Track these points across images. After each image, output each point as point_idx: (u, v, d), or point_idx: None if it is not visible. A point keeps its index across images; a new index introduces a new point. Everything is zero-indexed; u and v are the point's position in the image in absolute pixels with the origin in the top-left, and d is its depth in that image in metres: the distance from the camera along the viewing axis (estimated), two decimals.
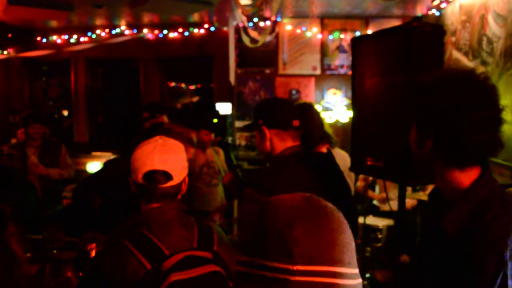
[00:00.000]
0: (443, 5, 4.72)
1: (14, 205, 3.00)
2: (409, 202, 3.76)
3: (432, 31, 2.15)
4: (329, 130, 3.00)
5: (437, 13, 4.99)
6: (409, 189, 3.50)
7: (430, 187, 3.17)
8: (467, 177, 1.26)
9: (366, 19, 5.84)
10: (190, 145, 2.56)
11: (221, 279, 1.39)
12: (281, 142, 2.05)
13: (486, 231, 1.17)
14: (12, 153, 3.83)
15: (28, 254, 2.54)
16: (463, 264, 1.20)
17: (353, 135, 2.58)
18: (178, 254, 1.37)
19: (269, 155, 2.08)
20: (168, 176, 1.51)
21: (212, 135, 3.92)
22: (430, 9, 5.15)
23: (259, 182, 1.99)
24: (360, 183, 4.18)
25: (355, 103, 2.59)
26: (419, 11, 5.46)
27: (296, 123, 2.07)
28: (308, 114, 2.79)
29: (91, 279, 1.50)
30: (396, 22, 5.59)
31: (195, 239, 1.49)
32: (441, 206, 1.35)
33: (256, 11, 4.21)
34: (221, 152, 4.15)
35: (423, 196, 3.52)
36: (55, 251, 2.55)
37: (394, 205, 2.84)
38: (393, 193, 3.28)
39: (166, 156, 1.52)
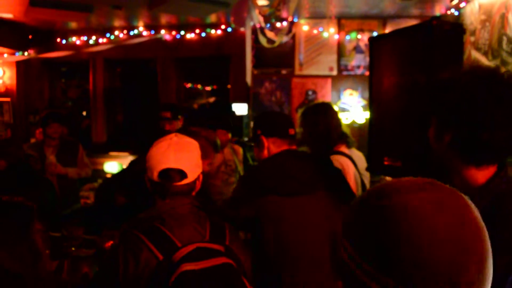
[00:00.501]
0: (462, 5, 4.66)
1: (35, 203, 3.06)
2: None
3: (451, 29, 2.13)
4: (346, 130, 2.99)
5: (456, 13, 4.92)
6: None
7: None
8: (483, 175, 1.25)
9: (384, 20, 5.79)
10: (214, 150, 2.66)
11: (232, 271, 1.42)
12: (277, 149, 2.15)
13: (500, 228, 1.15)
14: (30, 153, 3.89)
15: (47, 251, 2.59)
16: None
17: (370, 135, 2.56)
18: (189, 245, 1.40)
19: None
20: (182, 174, 1.54)
21: (229, 135, 3.94)
22: (449, 8, 5.08)
23: (250, 179, 2.10)
24: None
25: (372, 103, 2.57)
26: (438, 10, 5.40)
27: (291, 131, 2.19)
28: (328, 114, 2.80)
29: (105, 271, 1.52)
30: (414, 22, 5.48)
31: (207, 233, 1.52)
32: None
33: (273, 11, 4.21)
34: (240, 151, 4.17)
35: None
36: (73, 248, 2.60)
37: None
38: None
39: (180, 155, 1.56)
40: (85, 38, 6.72)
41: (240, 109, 6.07)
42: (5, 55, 6.76)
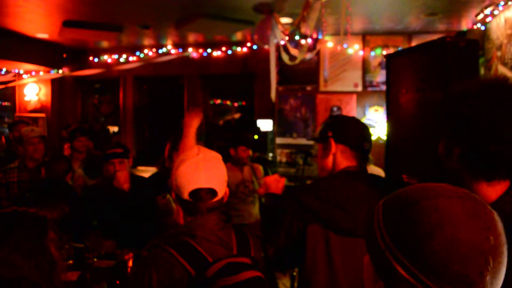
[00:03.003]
0: (488, 19, 4.59)
1: (63, 215, 3.16)
2: None
3: (466, 46, 2.12)
4: None
5: (483, 28, 4.85)
6: None
7: None
8: (493, 191, 1.20)
9: (409, 35, 5.76)
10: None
11: (262, 284, 1.45)
12: (345, 160, 1.91)
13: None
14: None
15: (71, 262, 2.68)
16: None
17: (387, 151, 2.55)
18: (221, 261, 1.43)
19: (329, 172, 1.94)
20: (213, 193, 1.56)
21: (250, 152, 3.99)
22: (475, 23, 5.02)
23: (297, 202, 1.85)
24: None
25: (390, 119, 2.57)
26: (464, 25, 5.33)
27: (366, 145, 1.96)
28: None
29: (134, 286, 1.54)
30: None
31: (234, 246, 1.55)
32: None
33: (294, 29, 4.27)
34: (260, 168, 4.21)
35: None
36: (95, 259, 2.67)
37: None
38: None
39: (210, 173, 1.56)
40: (116, 56, 6.97)
41: (265, 125, 6.13)
42: (41, 73, 7.08)
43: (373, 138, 5.68)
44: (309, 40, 5.93)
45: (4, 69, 7.14)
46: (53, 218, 2.82)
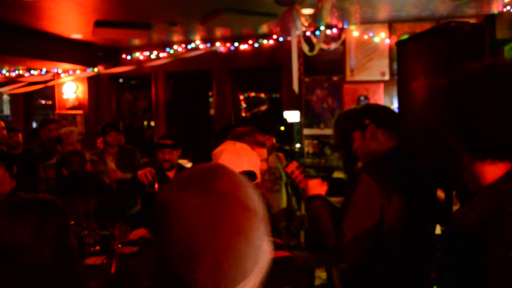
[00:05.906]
0: None
1: (95, 206, 3.33)
2: None
3: (471, 30, 2.10)
4: None
5: None
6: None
7: None
8: (492, 173, 1.19)
9: (437, 21, 5.63)
10: (259, 146, 2.67)
11: (293, 262, 1.53)
12: (387, 142, 2.06)
13: (499, 226, 1.10)
14: (95, 159, 4.23)
15: (97, 247, 2.86)
16: (474, 260, 1.18)
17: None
18: None
19: (373, 155, 2.06)
20: (254, 176, 1.74)
21: (273, 139, 4.03)
22: (505, 6, 4.86)
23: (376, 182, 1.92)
24: None
25: (400, 107, 2.58)
26: (495, 8, 5.16)
27: (402, 127, 2.12)
28: None
29: None
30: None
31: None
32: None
33: (312, 20, 4.28)
34: (282, 157, 4.25)
35: None
36: (119, 246, 2.83)
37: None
38: None
39: (250, 158, 1.76)
40: (147, 53, 7.18)
41: (292, 116, 6.17)
42: (78, 72, 7.40)
43: None
44: (334, 30, 5.91)
45: (44, 69, 7.52)
46: (89, 208, 3.00)
